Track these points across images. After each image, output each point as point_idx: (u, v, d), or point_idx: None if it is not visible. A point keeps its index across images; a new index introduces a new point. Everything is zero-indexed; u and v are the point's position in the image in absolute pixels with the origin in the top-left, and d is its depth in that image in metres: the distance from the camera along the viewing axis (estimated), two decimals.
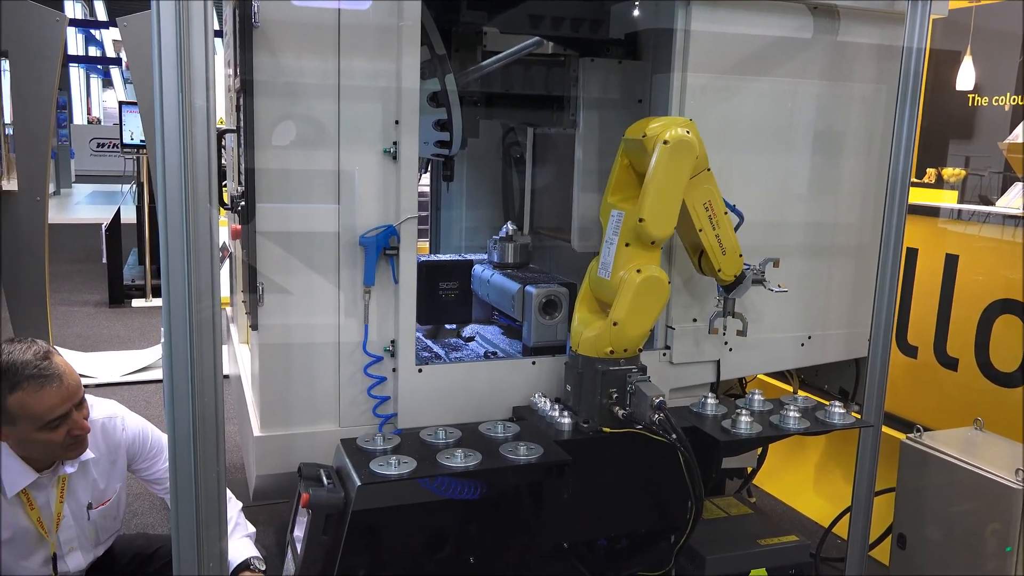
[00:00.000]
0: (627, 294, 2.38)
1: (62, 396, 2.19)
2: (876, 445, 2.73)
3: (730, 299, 2.67)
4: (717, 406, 2.55)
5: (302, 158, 2.35)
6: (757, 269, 2.67)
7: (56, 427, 2.20)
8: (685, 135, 2.36)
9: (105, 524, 2.51)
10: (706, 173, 2.50)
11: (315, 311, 2.43)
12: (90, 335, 7.09)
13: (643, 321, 2.42)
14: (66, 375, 2.20)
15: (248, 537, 2.48)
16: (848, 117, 2.92)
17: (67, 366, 2.23)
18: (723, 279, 2.61)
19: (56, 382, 2.17)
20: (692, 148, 2.37)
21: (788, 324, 2.95)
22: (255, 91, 2.25)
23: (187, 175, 1.45)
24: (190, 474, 1.61)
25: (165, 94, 1.42)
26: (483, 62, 3.13)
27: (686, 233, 2.59)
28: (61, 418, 2.20)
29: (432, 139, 2.70)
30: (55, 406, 2.18)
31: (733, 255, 2.57)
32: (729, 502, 2.85)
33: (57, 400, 2.18)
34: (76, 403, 2.24)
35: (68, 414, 2.22)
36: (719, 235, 2.54)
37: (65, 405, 2.20)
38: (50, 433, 2.21)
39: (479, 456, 2.14)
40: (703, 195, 2.50)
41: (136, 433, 2.51)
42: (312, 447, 2.42)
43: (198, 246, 1.49)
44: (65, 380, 2.19)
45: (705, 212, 2.51)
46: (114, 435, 2.46)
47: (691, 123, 2.43)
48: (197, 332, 1.53)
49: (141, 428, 2.54)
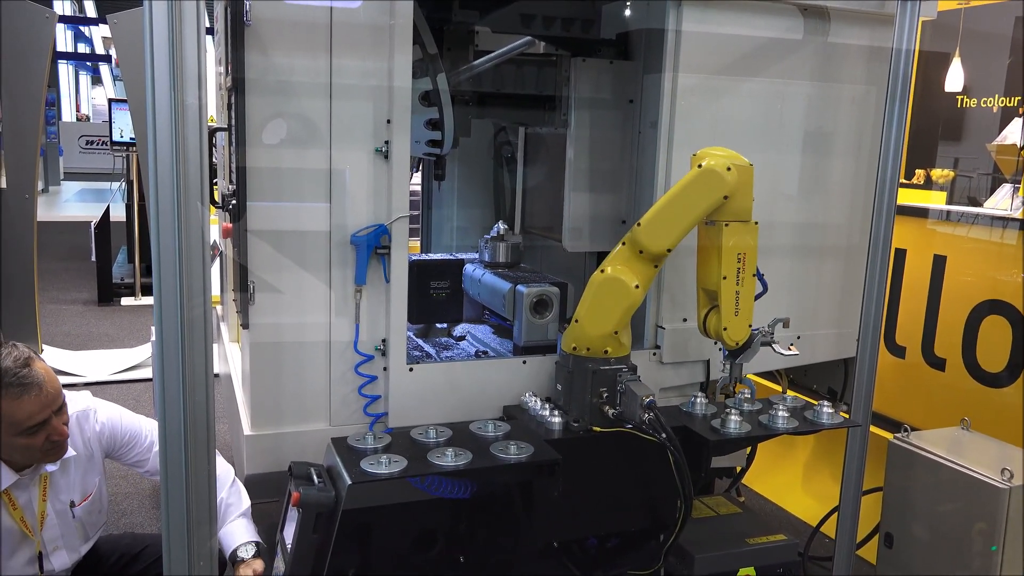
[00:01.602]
0: (589, 292, 2.40)
1: (41, 403, 2.18)
2: (864, 445, 2.75)
3: (737, 364, 2.55)
4: (706, 405, 2.56)
5: (293, 157, 2.34)
6: (766, 331, 2.54)
7: (35, 433, 2.20)
8: (723, 171, 2.32)
9: (91, 519, 2.50)
10: (751, 225, 2.42)
11: (306, 310, 2.43)
12: (79, 333, 7.06)
13: (602, 321, 2.39)
14: (46, 382, 2.19)
15: (243, 517, 2.46)
16: (838, 118, 2.94)
17: (47, 372, 2.22)
18: (726, 341, 2.49)
19: (35, 390, 2.16)
20: (722, 184, 2.32)
21: None
22: (247, 89, 2.24)
23: (179, 173, 1.45)
24: (181, 473, 1.61)
25: (157, 91, 1.42)
26: (475, 61, 3.14)
27: (707, 277, 2.49)
28: (40, 424, 2.19)
29: (424, 138, 2.71)
30: (33, 413, 2.17)
31: (744, 321, 2.47)
32: (718, 501, 2.86)
33: (36, 408, 2.17)
34: (55, 409, 2.23)
35: (47, 420, 2.21)
36: (739, 293, 2.44)
37: (44, 412, 2.19)
38: (29, 439, 2.20)
39: (470, 455, 2.15)
40: (742, 245, 2.41)
41: (108, 423, 2.50)
42: (302, 446, 2.42)
43: (189, 244, 1.49)
44: (44, 388, 2.18)
45: (736, 263, 2.41)
46: (89, 428, 2.46)
47: (745, 168, 2.38)
48: (188, 330, 1.53)
49: (113, 417, 2.52)
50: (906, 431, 2.91)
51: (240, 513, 2.46)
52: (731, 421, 2.43)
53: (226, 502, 2.45)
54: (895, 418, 3.39)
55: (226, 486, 2.47)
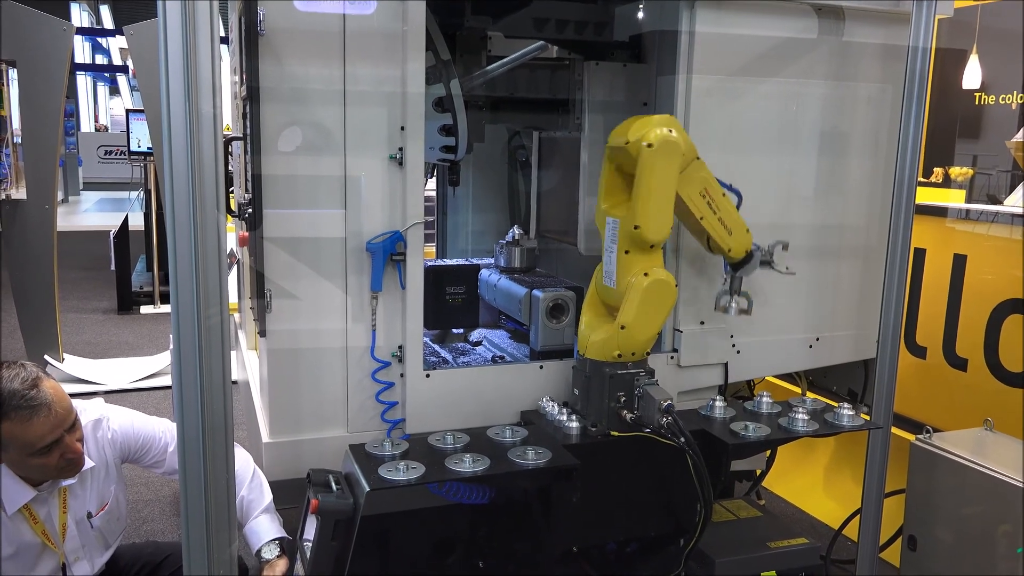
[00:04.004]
0: (634, 298, 2.37)
1: (51, 425, 2.17)
2: (886, 447, 2.72)
3: (737, 277, 2.64)
4: (725, 409, 2.54)
5: (308, 164, 2.35)
6: (766, 251, 2.64)
7: (48, 453, 2.19)
8: (667, 134, 2.31)
9: (110, 527, 2.51)
10: (696, 162, 2.45)
11: (323, 317, 2.43)
12: (99, 342, 7.12)
13: (651, 325, 2.41)
14: (54, 403, 2.17)
15: (266, 512, 2.47)
16: (854, 117, 2.92)
17: (56, 392, 2.20)
18: (734, 258, 2.60)
19: (44, 412, 2.15)
20: (676, 146, 2.32)
21: (796, 326, 2.94)
22: (261, 98, 2.25)
23: (194, 181, 1.46)
24: (200, 479, 1.61)
25: (172, 101, 1.42)
26: (488, 67, 3.14)
27: (689, 222, 2.57)
28: (52, 444, 2.19)
29: (437, 144, 2.71)
30: (44, 435, 2.16)
31: (740, 232, 2.55)
32: (738, 505, 2.84)
33: (45, 429, 2.16)
34: (67, 428, 2.22)
35: (60, 440, 2.20)
36: (721, 218, 2.51)
37: (55, 432, 2.18)
38: (43, 459, 2.20)
39: (488, 461, 2.14)
40: (698, 184, 2.46)
41: (121, 430, 2.50)
42: (320, 452, 2.42)
43: (206, 252, 1.49)
44: (53, 408, 2.17)
45: (703, 200, 2.47)
46: (103, 437, 2.46)
47: (672, 120, 2.39)
48: (205, 338, 1.53)
49: (125, 423, 2.52)
50: (928, 433, 2.87)
51: (263, 509, 2.46)
52: (750, 424, 2.41)
53: (247, 498, 2.46)
54: (917, 419, 3.36)
55: (246, 482, 2.47)
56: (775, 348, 2.92)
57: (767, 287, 2.86)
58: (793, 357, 2.97)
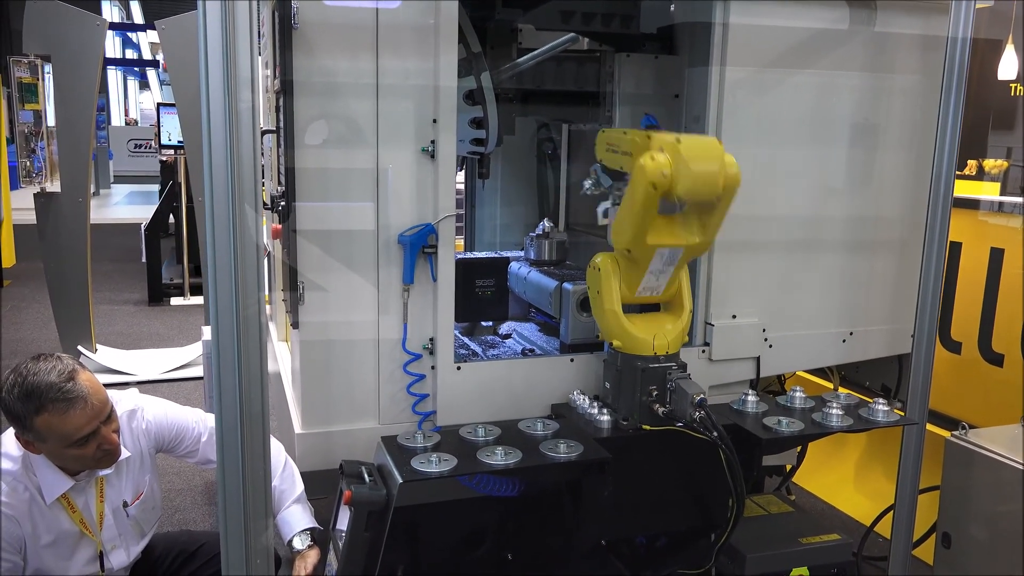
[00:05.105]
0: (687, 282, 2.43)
1: (88, 416, 2.20)
2: (920, 443, 2.69)
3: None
4: (757, 403, 2.52)
5: (341, 157, 2.36)
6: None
7: (85, 444, 2.22)
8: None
9: (145, 516, 2.54)
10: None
11: (354, 309, 2.44)
12: (131, 333, 7.22)
13: None
14: (91, 394, 2.20)
15: (298, 503, 2.49)
16: (889, 109, 2.87)
17: (93, 383, 2.23)
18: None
19: (80, 404, 2.17)
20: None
21: (830, 320, 2.91)
22: (295, 91, 2.26)
23: (233, 174, 1.47)
24: (238, 470, 1.63)
25: (212, 94, 1.44)
26: (518, 59, 3.13)
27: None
28: (90, 436, 2.22)
29: (468, 137, 2.71)
30: (81, 426, 2.19)
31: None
32: (769, 500, 2.82)
33: (83, 421, 2.19)
34: (104, 419, 2.25)
35: (96, 431, 2.23)
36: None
37: (92, 424, 2.21)
38: (80, 449, 2.23)
39: (519, 454, 2.14)
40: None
41: (155, 421, 2.53)
42: (352, 444, 2.44)
43: (244, 243, 1.51)
44: (90, 400, 2.20)
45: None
46: (137, 427, 2.49)
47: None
48: (243, 329, 1.54)
49: (159, 414, 2.55)
50: (963, 429, 2.83)
51: (295, 499, 2.49)
52: (784, 419, 2.39)
53: (279, 488, 2.48)
54: (951, 415, 3.31)
55: (278, 471, 2.49)
56: (808, 342, 2.89)
57: (802, 280, 2.83)
58: (826, 351, 2.94)
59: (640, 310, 2.53)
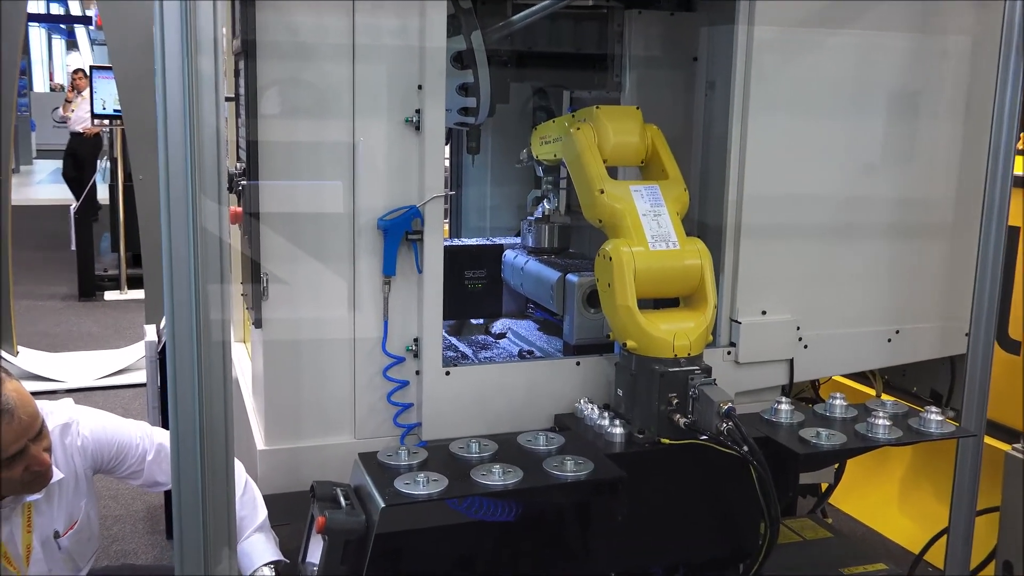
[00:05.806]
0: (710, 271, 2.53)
1: (14, 433, 2.18)
2: (977, 457, 2.71)
3: None
4: (792, 412, 2.53)
5: (311, 129, 2.35)
6: None
7: (11, 465, 2.20)
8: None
9: (80, 548, 2.52)
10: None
11: (326, 305, 2.44)
12: (58, 333, 7.18)
13: None
14: (18, 408, 2.19)
15: (260, 531, 2.48)
16: (939, 74, 2.88)
17: (20, 396, 2.22)
18: None
19: (6, 418, 2.16)
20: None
21: (873, 317, 2.92)
22: (258, 53, 2.25)
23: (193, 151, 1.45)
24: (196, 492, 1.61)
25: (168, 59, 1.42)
26: (513, 16, 3.12)
27: None
28: (16, 455, 2.20)
29: (455, 106, 2.70)
30: (6, 446, 2.17)
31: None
32: (804, 524, 2.84)
33: (9, 438, 2.17)
34: (33, 436, 2.23)
35: (24, 450, 2.21)
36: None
37: (19, 442, 2.19)
38: (5, 472, 2.20)
39: (520, 472, 2.14)
40: None
41: (92, 436, 2.50)
42: (323, 462, 2.43)
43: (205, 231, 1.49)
44: (16, 414, 2.18)
45: None
46: (71, 444, 2.46)
47: None
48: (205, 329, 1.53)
49: (96, 429, 2.52)
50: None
51: (257, 527, 2.47)
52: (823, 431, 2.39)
53: (239, 515, 2.46)
54: (1010, 426, 3.33)
55: (238, 495, 2.47)
56: (849, 342, 2.90)
57: (840, 272, 2.84)
58: (869, 353, 2.95)
59: (655, 305, 2.53)
